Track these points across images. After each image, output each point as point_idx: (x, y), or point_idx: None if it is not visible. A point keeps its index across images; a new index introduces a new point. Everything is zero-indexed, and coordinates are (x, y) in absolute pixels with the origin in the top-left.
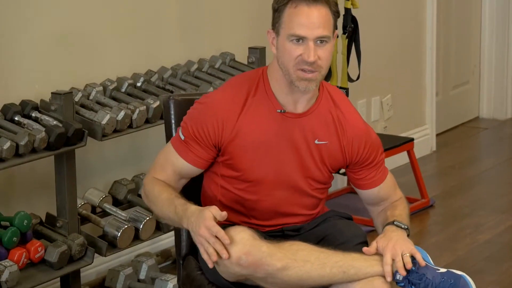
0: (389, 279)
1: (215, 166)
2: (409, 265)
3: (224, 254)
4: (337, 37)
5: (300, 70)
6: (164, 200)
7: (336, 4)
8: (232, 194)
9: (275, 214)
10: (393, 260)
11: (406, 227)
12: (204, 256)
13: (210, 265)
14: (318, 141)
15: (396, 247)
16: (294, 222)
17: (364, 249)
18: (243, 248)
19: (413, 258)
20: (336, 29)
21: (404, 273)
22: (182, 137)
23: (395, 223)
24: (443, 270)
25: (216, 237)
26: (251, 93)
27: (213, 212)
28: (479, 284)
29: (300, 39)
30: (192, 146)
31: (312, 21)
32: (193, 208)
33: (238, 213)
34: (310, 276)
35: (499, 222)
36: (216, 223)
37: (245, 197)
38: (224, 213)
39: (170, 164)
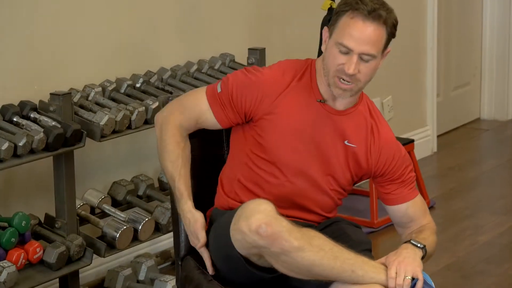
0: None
1: (247, 140)
2: (407, 281)
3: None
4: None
5: (338, 78)
6: (174, 168)
7: (394, 26)
8: (253, 174)
9: (290, 204)
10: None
11: (423, 246)
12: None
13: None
14: (348, 142)
15: (402, 265)
16: (306, 218)
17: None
18: (265, 218)
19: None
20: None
21: None
22: (219, 90)
23: (411, 241)
24: None
25: None
26: (297, 77)
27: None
28: (479, 286)
29: (346, 49)
30: (224, 104)
31: (362, 36)
32: (181, 203)
33: (255, 196)
34: (321, 263)
35: (500, 223)
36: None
37: (265, 178)
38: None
39: (197, 110)
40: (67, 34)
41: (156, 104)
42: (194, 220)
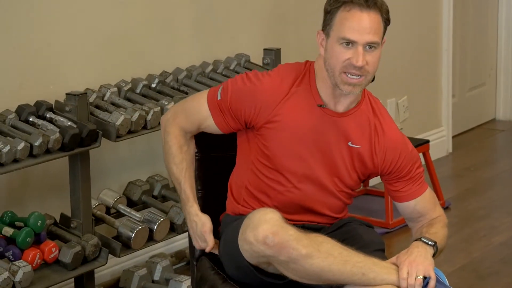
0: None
1: (251, 148)
2: (419, 281)
3: (197, 245)
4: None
5: (345, 73)
6: (179, 171)
7: (388, 12)
8: (259, 181)
9: (299, 209)
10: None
11: (434, 243)
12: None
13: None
14: (351, 143)
15: (413, 264)
16: (317, 221)
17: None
18: (271, 228)
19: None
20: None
21: None
22: (219, 97)
23: (422, 239)
24: None
25: None
26: (296, 82)
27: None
28: (494, 287)
29: (350, 43)
30: (224, 112)
31: (363, 26)
32: (188, 206)
33: (263, 204)
34: (331, 269)
35: None
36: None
37: (271, 186)
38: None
39: (198, 115)
40: (83, 35)
41: (172, 104)
42: (201, 224)
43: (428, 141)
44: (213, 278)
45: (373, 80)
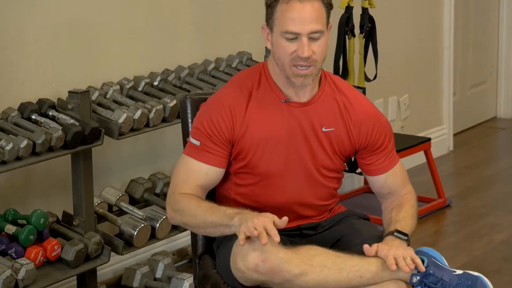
0: (394, 268)
1: (231, 163)
2: (412, 266)
3: (264, 240)
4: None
5: (295, 66)
6: (207, 207)
7: None
8: (245, 190)
9: (290, 208)
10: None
11: (406, 238)
12: (241, 236)
13: (242, 243)
14: (325, 128)
15: (398, 252)
16: (311, 214)
17: (365, 246)
18: (261, 255)
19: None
20: (329, 20)
21: (423, 269)
22: (198, 143)
23: (395, 234)
24: (459, 272)
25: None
26: (254, 86)
27: (274, 218)
28: (496, 285)
29: (293, 35)
30: (209, 147)
31: (304, 16)
32: (246, 213)
33: (254, 211)
34: (327, 281)
35: None
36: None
37: (257, 192)
38: (285, 219)
39: (193, 175)
40: (84, 33)
41: (174, 102)
42: (264, 216)
43: (429, 139)
44: (215, 277)
45: (374, 78)
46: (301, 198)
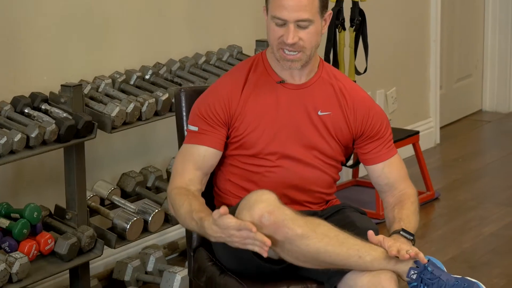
0: (394, 253)
1: (227, 145)
2: (412, 254)
3: (267, 242)
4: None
5: (282, 50)
6: (184, 214)
7: None
8: (240, 171)
9: (288, 190)
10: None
11: (412, 237)
12: (257, 250)
13: (265, 254)
14: (321, 112)
15: (402, 246)
16: (305, 200)
17: (369, 232)
18: (267, 207)
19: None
20: (327, 9)
21: (425, 260)
22: (195, 128)
23: (401, 233)
24: (457, 276)
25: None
26: (251, 69)
27: (221, 212)
28: (486, 277)
29: (281, 21)
30: (206, 130)
31: (292, 4)
32: (206, 223)
33: (249, 191)
34: (327, 250)
35: (504, 214)
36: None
37: (252, 171)
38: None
39: (190, 160)
40: (76, 27)
41: (166, 95)
42: (223, 228)
43: (418, 132)
44: (210, 269)
45: (365, 71)
46: (295, 180)
